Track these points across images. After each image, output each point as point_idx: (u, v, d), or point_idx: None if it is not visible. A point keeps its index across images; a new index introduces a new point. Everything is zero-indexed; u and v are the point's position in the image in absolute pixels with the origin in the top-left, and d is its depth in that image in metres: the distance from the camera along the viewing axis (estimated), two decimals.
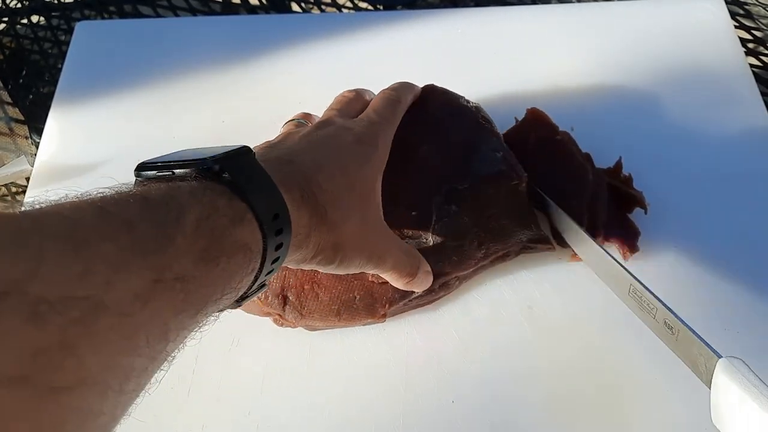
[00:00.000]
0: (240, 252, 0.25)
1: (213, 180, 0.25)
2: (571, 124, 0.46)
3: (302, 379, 0.40)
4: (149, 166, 0.27)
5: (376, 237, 0.35)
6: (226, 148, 0.27)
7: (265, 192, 0.27)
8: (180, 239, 0.22)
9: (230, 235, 0.24)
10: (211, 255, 0.23)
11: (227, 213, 0.24)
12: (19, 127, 0.58)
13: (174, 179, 0.26)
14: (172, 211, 0.23)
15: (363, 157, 0.35)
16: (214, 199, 0.24)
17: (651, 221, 0.43)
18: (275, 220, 0.27)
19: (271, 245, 0.26)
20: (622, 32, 0.54)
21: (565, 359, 0.39)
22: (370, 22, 0.56)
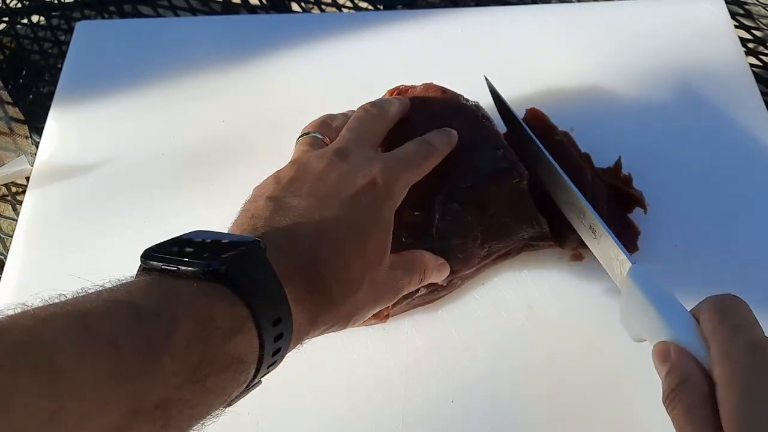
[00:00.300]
0: (232, 365, 0.24)
1: (217, 281, 0.24)
2: (570, 124, 0.46)
3: (303, 379, 0.40)
4: (156, 255, 0.25)
5: (386, 286, 0.34)
6: (238, 243, 0.26)
7: (269, 297, 0.26)
8: (167, 359, 0.21)
9: (224, 349, 0.23)
10: (200, 374, 0.22)
11: (224, 324, 0.23)
12: (19, 127, 0.58)
13: (178, 276, 0.24)
14: (164, 325, 0.22)
15: (376, 203, 0.33)
16: (213, 306, 0.23)
17: (650, 221, 0.43)
18: (276, 325, 0.26)
19: (269, 352, 0.25)
20: (622, 32, 0.54)
21: (565, 359, 0.39)
22: (371, 21, 0.56)
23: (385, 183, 0.33)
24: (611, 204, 0.43)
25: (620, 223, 0.42)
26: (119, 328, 0.21)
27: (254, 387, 0.27)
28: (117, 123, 0.53)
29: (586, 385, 0.38)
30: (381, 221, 0.33)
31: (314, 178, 0.33)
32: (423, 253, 0.37)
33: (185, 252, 0.25)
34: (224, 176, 0.49)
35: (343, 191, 0.32)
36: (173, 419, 0.21)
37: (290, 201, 0.32)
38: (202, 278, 0.24)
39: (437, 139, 0.39)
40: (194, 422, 0.23)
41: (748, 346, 0.27)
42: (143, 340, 0.21)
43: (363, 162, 0.34)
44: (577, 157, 0.43)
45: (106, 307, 0.21)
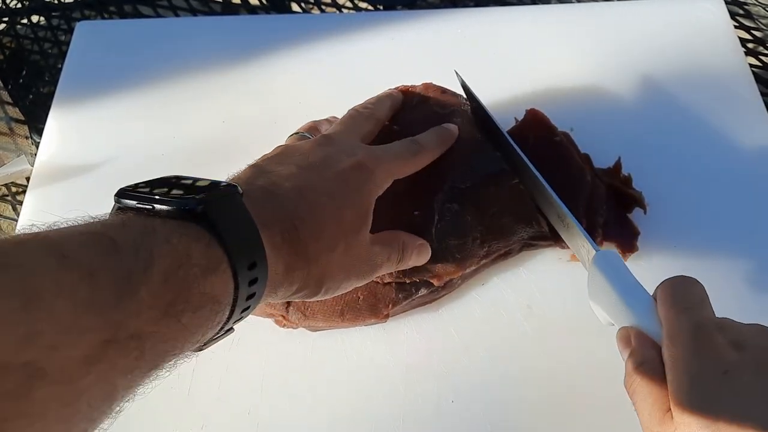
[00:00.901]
0: (207, 305, 0.24)
1: (193, 221, 0.24)
2: (570, 124, 0.46)
3: (303, 379, 0.40)
4: (130, 194, 0.25)
5: (362, 257, 0.34)
6: (214, 186, 0.26)
7: (245, 240, 0.26)
8: (144, 292, 0.21)
9: (199, 287, 0.23)
10: (176, 309, 0.22)
11: (200, 262, 0.23)
12: (19, 127, 0.58)
13: (153, 214, 0.24)
14: (141, 258, 0.21)
15: (357, 182, 0.33)
16: (189, 245, 0.23)
17: (650, 221, 0.43)
18: (251, 269, 0.25)
19: (243, 296, 0.25)
20: (622, 32, 0.54)
21: (565, 358, 0.39)
22: (370, 22, 0.56)
23: (368, 167, 0.34)
24: (611, 204, 0.43)
25: (620, 224, 0.42)
26: (96, 258, 0.21)
27: (228, 332, 0.27)
28: (117, 123, 0.53)
29: (586, 385, 0.38)
30: (360, 198, 0.33)
31: (299, 153, 0.34)
32: (402, 233, 0.37)
33: (160, 191, 0.25)
34: (224, 176, 0.49)
35: (327, 167, 0.33)
36: (147, 352, 0.21)
37: (272, 167, 0.32)
38: (178, 217, 0.24)
39: (427, 138, 0.40)
40: (168, 358, 0.23)
41: (692, 328, 0.28)
42: (120, 272, 0.21)
43: (349, 147, 0.35)
44: (577, 157, 0.43)
45: (83, 238, 0.21)
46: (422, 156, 0.39)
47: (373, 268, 0.35)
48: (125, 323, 0.20)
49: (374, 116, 0.40)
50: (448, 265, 0.39)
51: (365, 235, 0.34)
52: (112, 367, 0.20)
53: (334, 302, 0.39)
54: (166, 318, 0.22)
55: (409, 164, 0.38)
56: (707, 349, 0.28)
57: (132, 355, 0.21)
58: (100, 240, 0.21)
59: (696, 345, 0.28)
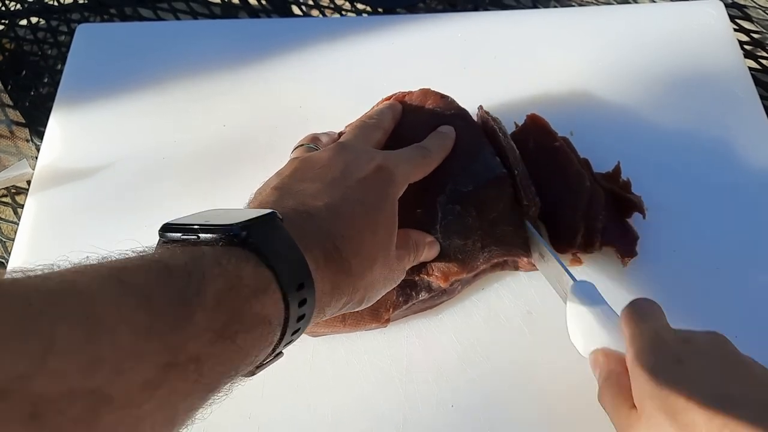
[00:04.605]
0: (260, 326, 0.24)
1: (239, 246, 0.25)
2: (570, 128, 0.46)
3: (303, 383, 0.40)
4: (174, 227, 0.26)
5: (394, 264, 0.34)
6: (253, 213, 0.27)
7: (290, 261, 0.26)
8: (199, 315, 0.21)
9: (251, 308, 0.23)
10: (230, 331, 0.22)
11: (251, 283, 0.24)
12: (20, 130, 0.58)
13: (198, 243, 0.25)
14: (194, 281, 0.22)
15: (382, 187, 0.34)
16: (240, 267, 0.24)
17: (649, 226, 0.43)
18: (299, 290, 0.26)
19: (294, 316, 0.26)
20: (622, 36, 0.54)
21: (564, 364, 0.39)
22: (371, 26, 0.56)
23: (388, 169, 0.35)
24: (610, 209, 0.43)
25: (619, 228, 0.43)
26: (152, 283, 0.21)
27: (278, 357, 0.28)
28: (118, 126, 0.53)
29: (585, 390, 0.39)
30: (387, 202, 0.34)
31: (319, 166, 0.34)
32: (410, 231, 0.38)
33: (203, 225, 0.25)
34: (225, 180, 0.49)
35: (349, 175, 0.33)
36: (205, 375, 0.21)
37: (296, 186, 0.32)
38: (223, 244, 0.24)
39: (432, 143, 0.40)
40: (224, 380, 0.23)
41: (649, 330, 0.31)
42: (176, 295, 0.21)
43: (365, 153, 0.35)
44: (577, 162, 0.44)
45: (138, 264, 0.22)
46: (431, 160, 0.39)
47: (401, 273, 0.36)
48: (183, 346, 0.21)
49: (381, 126, 0.41)
50: (452, 265, 0.40)
51: (395, 241, 0.34)
52: (173, 391, 0.20)
53: None
54: (221, 340, 0.22)
55: (421, 168, 0.38)
56: (662, 344, 0.30)
57: (191, 378, 0.21)
58: (154, 266, 0.22)
59: (653, 344, 0.30)
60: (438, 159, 0.40)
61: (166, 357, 0.20)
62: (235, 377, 0.24)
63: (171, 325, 0.20)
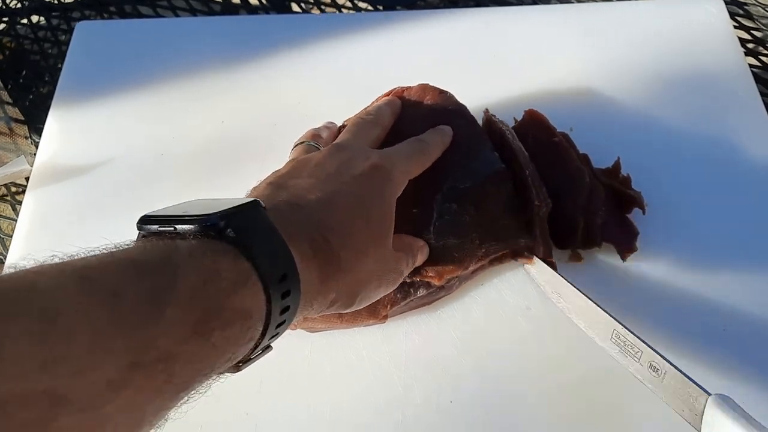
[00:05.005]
0: (238, 321, 0.23)
1: (217, 238, 0.24)
2: (569, 124, 0.46)
3: (301, 380, 0.40)
4: (151, 219, 0.25)
5: (390, 264, 0.34)
6: (235, 202, 0.26)
7: (272, 251, 0.25)
8: (170, 311, 0.20)
9: (230, 303, 0.22)
10: (205, 327, 0.21)
11: (229, 276, 0.23)
12: (19, 127, 0.58)
13: (176, 236, 0.24)
14: (166, 276, 0.21)
15: (377, 184, 0.33)
16: (216, 260, 0.23)
17: (649, 221, 0.43)
18: (282, 281, 0.25)
19: (276, 309, 0.25)
20: (622, 33, 0.54)
21: (563, 360, 0.39)
22: (370, 22, 0.56)
23: (384, 168, 0.34)
24: (610, 204, 0.43)
25: (619, 224, 0.42)
26: (119, 279, 0.20)
27: (266, 351, 0.27)
28: (117, 123, 0.53)
29: (584, 386, 0.38)
30: (383, 199, 0.33)
31: (313, 165, 0.34)
32: (404, 236, 0.38)
33: (180, 216, 0.24)
34: (224, 177, 0.49)
35: (345, 172, 0.33)
36: (176, 374, 0.21)
37: (291, 181, 0.32)
38: (202, 236, 0.24)
39: (431, 137, 0.40)
40: (199, 378, 0.22)
41: None
42: (145, 291, 0.20)
43: (361, 152, 0.35)
44: (576, 157, 0.43)
45: (106, 261, 0.21)
46: (430, 154, 0.39)
47: (398, 275, 0.35)
48: (151, 344, 0.20)
49: (379, 122, 0.41)
50: (447, 265, 0.39)
51: (390, 239, 0.34)
52: (139, 392, 0.19)
53: None
54: (195, 337, 0.21)
55: (420, 163, 0.38)
56: None
57: (160, 378, 0.20)
58: (123, 262, 0.21)
59: None
60: (437, 152, 0.40)
61: (132, 356, 0.19)
62: (211, 375, 0.23)
63: (138, 322, 0.19)
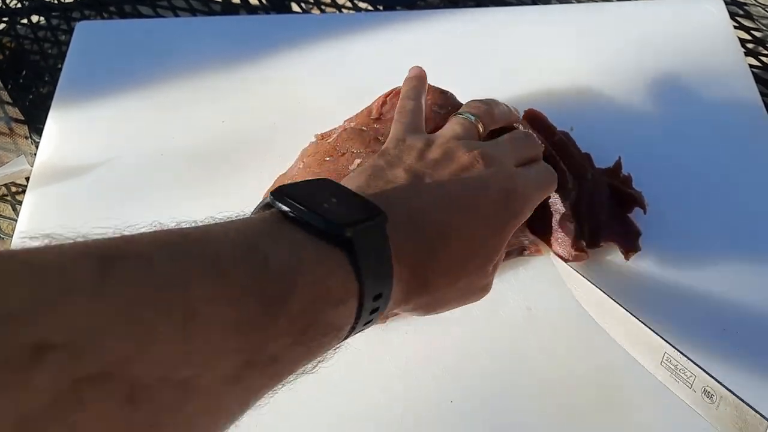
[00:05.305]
0: (332, 332, 0.24)
1: (339, 245, 0.24)
2: (570, 124, 0.46)
3: (301, 380, 0.39)
4: (284, 198, 0.25)
5: (480, 286, 0.34)
6: (365, 210, 0.26)
7: (379, 274, 0.26)
8: (283, 320, 0.22)
9: (328, 317, 0.24)
10: (306, 337, 0.23)
11: (336, 294, 0.24)
12: (19, 127, 0.58)
13: (300, 225, 0.24)
14: (286, 286, 0.22)
15: (503, 216, 0.32)
16: (330, 273, 0.24)
17: (650, 221, 0.43)
18: (376, 300, 0.26)
19: (361, 323, 0.26)
20: (622, 33, 0.54)
21: (564, 359, 0.39)
22: (370, 22, 0.56)
23: (516, 200, 0.33)
24: (611, 204, 0.43)
25: (620, 223, 0.42)
26: (248, 279, 0.21)
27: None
28: (117, 123, 0.53)
29: (585, 386, 0.38)
30: (500, 235, 0.33)
31: (458, 167, 0.32)
32: None
33: (315, 199, 0.25)
34: (224, 177, 0.49)
35: (479, 194, 0.32)
36: (277, 375, 0.22)
37: (428, 182, 0.31)
38: (326, 235, 0.24)
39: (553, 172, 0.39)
40: (290, 377, 0.24)
41: None
42: (266, 297, 0.21)
43: (504, 174, 0.33)
44: (577, 156, 0.43)
45: (237, 253, 0.22)
46: (553, 187, 0.38)
47: (487, 291, 0.35)
48: (264, 347, 0.21)
49: (536, 147, 0.39)
50: None
51: (489, 269, 0.33)
52: (249, 387, 0.21)
53: None
54: (296, 345, 0.22)
55: (547, 192, 0.38)
56: None
57: (266, 376, 0.22)
58: (254, 257, 0.22)
59: None
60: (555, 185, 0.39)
61: (248, 355, 0.20)
62: (301, 373, 0.25)
63: (257, 324, 0.21)
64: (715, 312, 0.40)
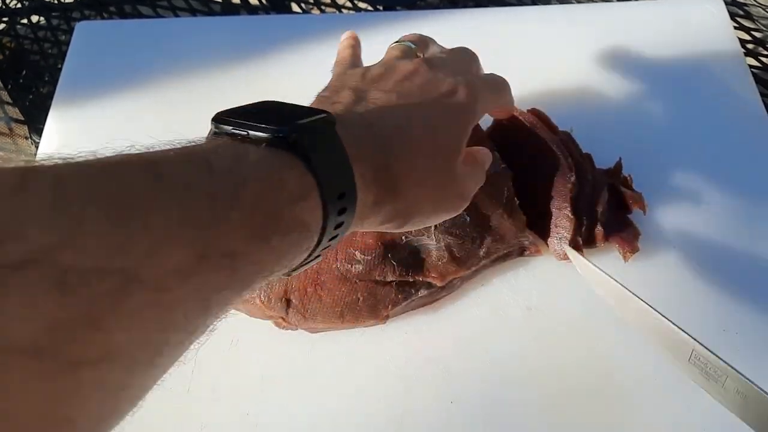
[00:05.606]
0: (296, 230, 0.24)
1: (286, 149, 0.24)
2: (571, 124, 0.46)
3: (301, 380, 0.40)
4: (226, 119, 0.25)
5: (453, 190, 0.34)
6: (310, 114, 0.26)
7: (336, 170, 0.26)
8: (235, 214, 0.21)
9: (289, 213, 0.24)
10: (265, 232, 0.23)
11: (292, 188, 0.24)
12: (19, 127, 0.58)
13: (248, 140, 0.25)
14: (233, 181, 0.22)
15: (457, 110, 0.33)
16: (282, 172, 0.24)
17: (650, 222, 0.43)
18: (340, 199, 0.26)
19: (331, 224, 0.26)
20: (622, 33, 0.54)
21: (564, 360, 0.39)
22: (370, 22, 0.56)
23: (467, 96, 0.33)
24: (611, 205, 0.43)
25: (620, 224, 0.42)
26: (191, 177, 0.21)
27: (316, 259, 0.28)
28: (117, 123, 0.53)
29: (585, 386, 0.38)
30: (457, 128, 0.33)
31: (401, 76, 0.33)
32: (479, 149, 0.37)
33: (253, 124, 0.25)
34: None
35: (426, 93, 0.32)
36: (238, 271, 0.22)
37: (373, 94, 0.32)
38: (272, 145, 0.24)
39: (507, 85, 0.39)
40: (258, 279, 0.23)
41: None
42: (213, 192, 0.21)
43: (451, 74, 0.34)
44: (578, 157, 0.43)
45: (179, 158, 0.22)
46: (508, 96, 0.39)
47: (464, 199, 0.34)
48: (217, 241, 0.21)
49: (477, 63, 0.39)
50: (449, 265, 0.39)
51: (456, 167, 0.33)
52: (206, 282, 0.20)
53: (334, 304, 0.39)
54: (256, 240, 0.22)
55: (501, 97, 0.38)
56: None
57: (224, 272, 0.21)
58: (195, 160, 0.22)
59: None
60: (511, 98, 0.39)
61: (200, 248, 0.20)
62: (270, 276, 0.24)
63: (206, 219, 0.21)
64: (715, 312, 0.40)
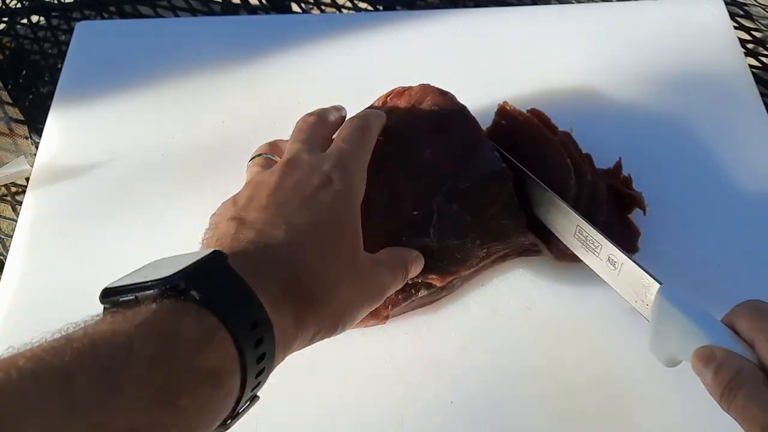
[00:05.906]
0: (207, 380, 0.22)
1: (178, 298, 0.23)
2: (570, 124, 0.46)
3: (302, 380, 0.40)
4: (112, 290, 0.24)
5: (369, 282, 0.33)
6: (196, 256, 0.25)
7: (237, 301, 0.24)
8: (129, 384, 0.20)
9: (193, 364, 0.22)
10: (170, 395, 0.21)
11: (190, 335, 0.22)
12: (19, 127, 0.58)
13: (138, 303, 0.23)
14: (120, 350, 0.20)
15: (337, 200, 0.32)
16: (175, 321, 0.22)
17: (650, 222, 0.43)
18: (254, 329, 0.24)
19: (252, 359, 0.24)
20: (622, 33, 0.54)
21: (564, 360, 0.39)
22: (370, 22, 0.56)
23: (341, 178, 0.33)
24: (611, 205, 0.43)
25: (620, 224, 0.42)
26: (72, 362, 0.19)
27: (253, 401, 0.26)
28: (117, 123, 0.53)
29: (585, 386, 0.38)
30: (347, 215, 0.33)
31: (270, 190, 0.32)
32: (396, 249, 0.37)
33: (139, 284, 0.24)
34: (224, 176, 0.49)
35: (301, 195, 0.32)
36: None
37: (252, 215, 0.31)
38: (163, 299, 0.23)
39: (368, 114, 0.39)
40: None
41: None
42: (99, 370, 0.20)
43: (314, 165, 0.34)
44: (578, 157, 0.43)
45: (59, 345, 0.20)
46: (373, 130, 0.38)
47: (382, 290, 0.34)
48: (112, 422, 0.19)
49: (325, 120, 0.39)
50: (448, 265, 0.39)
51: (362, 256, 0.33)
52: None
53: None
54: (158, 406, 0.20)
55: (367, 147, 0.37)
56: None
57: None
58: (76, 344, 0.20)
59: None
60: (378, 126, 0.39)
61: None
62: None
63: (95, 401, 0.19)
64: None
